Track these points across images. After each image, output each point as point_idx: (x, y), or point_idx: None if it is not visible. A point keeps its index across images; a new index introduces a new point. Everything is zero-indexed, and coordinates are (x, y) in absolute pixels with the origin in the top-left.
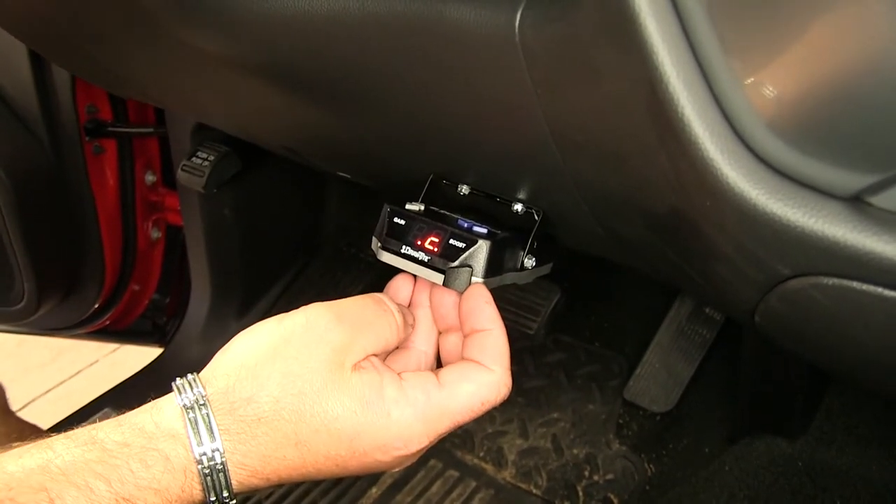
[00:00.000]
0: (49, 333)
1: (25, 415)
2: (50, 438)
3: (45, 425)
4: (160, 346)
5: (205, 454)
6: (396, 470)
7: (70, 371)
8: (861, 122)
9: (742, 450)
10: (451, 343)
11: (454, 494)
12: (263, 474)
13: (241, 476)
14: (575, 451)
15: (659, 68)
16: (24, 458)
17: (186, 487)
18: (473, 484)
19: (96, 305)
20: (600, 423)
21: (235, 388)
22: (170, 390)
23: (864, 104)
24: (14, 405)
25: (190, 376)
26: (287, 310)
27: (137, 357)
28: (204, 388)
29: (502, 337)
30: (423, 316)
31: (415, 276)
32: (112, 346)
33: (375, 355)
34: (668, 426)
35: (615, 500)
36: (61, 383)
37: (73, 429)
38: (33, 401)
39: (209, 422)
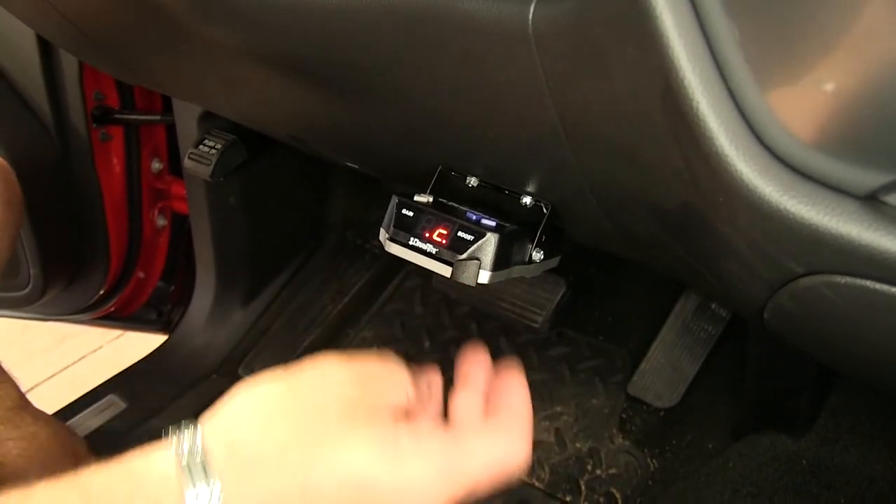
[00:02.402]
0: (54, 319)
1: (29, 399)
2: (33, 486)
3: (49, 410)
4: (165, 334)
5: (198, 498)
6: None
7: (74, 357)
8: (878, 121)
9: (746, 446)
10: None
11: None
12: None
13: None
14: (578, 446)
15: (674, 62)
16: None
17: None
18: None
19: (101, 292)
20: (604, 418)
21: (238, 434)
22: (175, 378)
23: (881, 102)
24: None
25: (185, 425)
26: (291, 300)
27: (141, 344)
28: (204, 434)
29: (525, 402)
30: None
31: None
32: (116, 332)
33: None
34: (672, 422)
35: (618, 495)
36: (65, 368)
37: (78, 414)
38: (37, 386)
39: (204, 466)
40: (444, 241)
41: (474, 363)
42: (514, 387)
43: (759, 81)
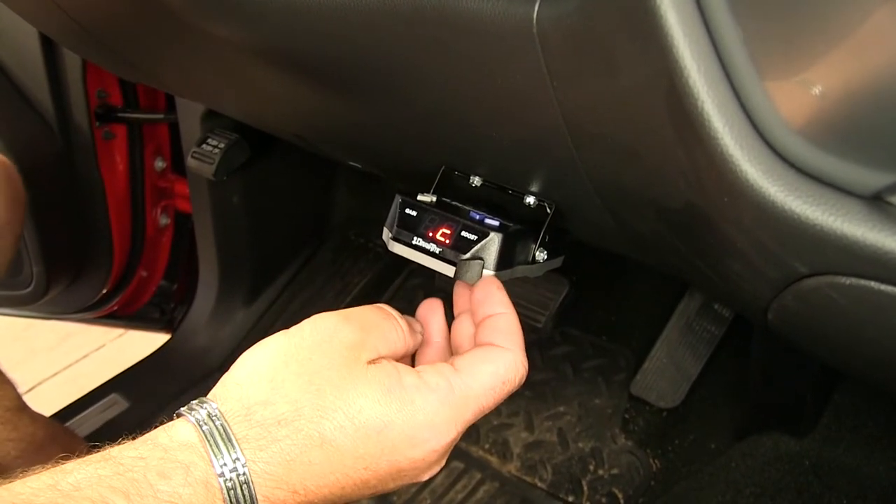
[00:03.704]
0: (56, 317)
1: (32, 398)
2: (65, 463)
3: (51, 408)
4: (167, 333)
5: (225, 465)
6: (427, 478)
7: (77, 355)
8: (883, 120)
9: (749, 446)
10: (462, 328)
11: (458, 486)
12: (290, 484)
13: (266, 488)
14: (580, 445)
15: (679, 61)
16: (31, 481)
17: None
18: (478, 476)
19: (104, 291)
20: (606, 418)
21: (249, 395)
22: (178, 377)
23: (886, 102)
24: (21, 388)
25: (195, 401)
26: (293, 298)
27: (144, 342)
28: (215, 402)
29: (514, 319)
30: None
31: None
32: (119, 330)
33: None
34: (675, 422)
35: (620, 495)
36: (68, 367)
37: (81, 413)
38: (40, 384)
39: (225, 432)
40: (447, 241)
41: (461, 295)
42: (498, 305)
43: (765, 81)
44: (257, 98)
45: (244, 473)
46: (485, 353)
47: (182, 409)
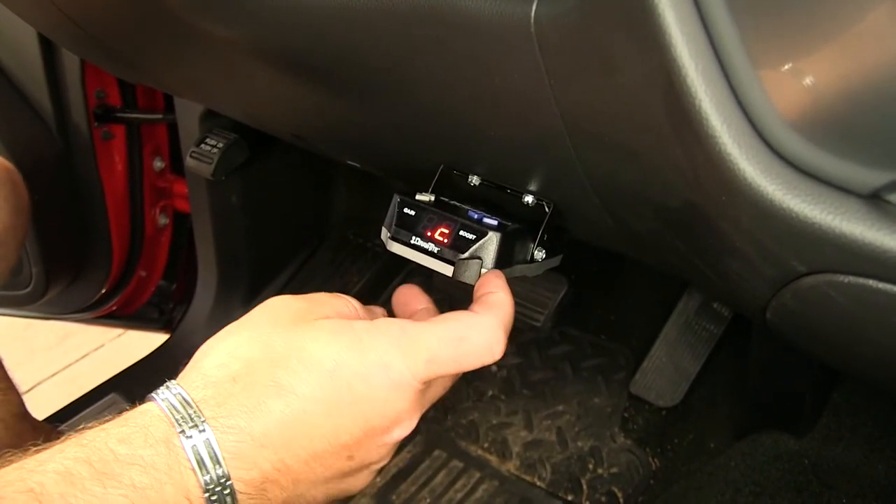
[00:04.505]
0: (56, 317)
1: (31, 398)
2: (31, 452)
3: (51, 409)
4: (166, 332)
5: (184, 421)
6: (402, 435)
7: (76, 355)
8: (881, 119)
9: (748, 445)
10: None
11: (458, 485)
12: (254, 436)
13: (229, 442)
14: (580, 444)
15: (677, 60)
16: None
17: (174, 465)
18: (477, 475)
19: (103, 291)
20: (605, 417)
21: (203, 362)
22: (176, 376)
23: (884, 100)
24: (21, 388)
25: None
26: None
27: (143, 342)
28: (176, 382)
29: (506, 297)
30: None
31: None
32: (118, 330)
33: None
34: (674, 421)
35: (619, 494)
36: (67, 367)
37: (80, 413)
38: (39, 384)
39: (182, 396)
40: (445, 240)
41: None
42: (494, 287)
43: (762, 80)
44: (256, 98)
45: (204, 430)
46: (453, 314)
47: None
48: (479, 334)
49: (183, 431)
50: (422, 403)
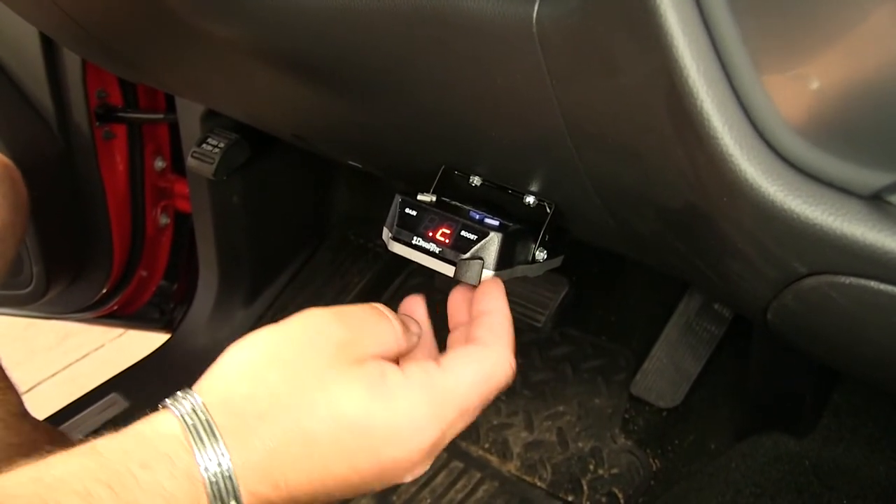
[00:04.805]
0: (56, 317)
1: (32, 397)
2: (47, 457)
3: (51, 408)
4: (167, 332)
5: (209, 458)
6: (411, 478)
7: (76, 355)
8: (883, 120)
9: (748, 447)
10: (458, 335)
11: (458, 485)
12: (272, 477)
13: (249, 481)
14: (580, 445)
15: (679, 61)
16: (15, 474)
17: (194, 497)
18: (478, 475)
19: (104, 290)
20: (606, 418)
21: (233, 388)
22: (178, 377)
23: (886, 102)
24: (21, 388)
25: (181, 392)
26: (293, 299)
27: (143, 342)
28: (199, 395)
29: (504, 317)
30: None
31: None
32: (118, 330)
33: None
34: (675, 422)
35: (620, 495)
36: (67, 367)
37: (80, 413)
38: (39, 384)
39: (209, 425)
40: (447, 241)
41: (460, 301)
42: (492, 302)
43: (764, 81)
44: (256, 98)
45: (228, 468)
46: (469, 351)
47: (166, 400)
48: (501, 372)
49: (206, 468)
50: (441, 447)
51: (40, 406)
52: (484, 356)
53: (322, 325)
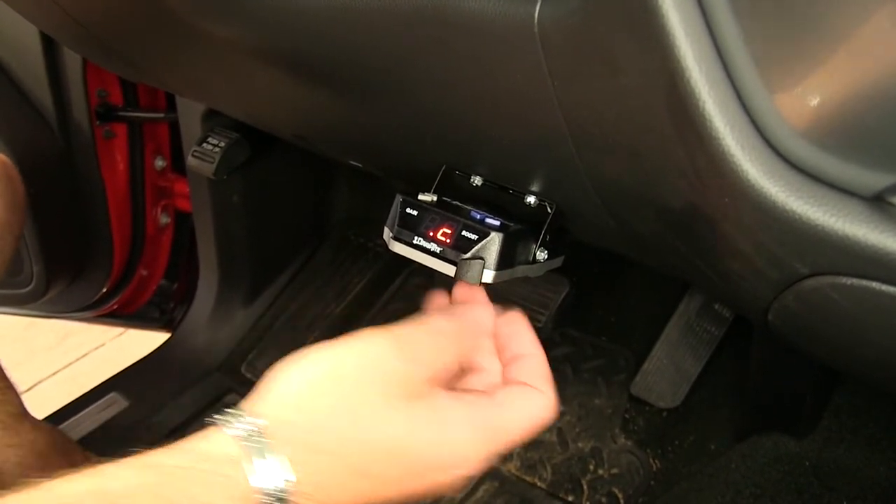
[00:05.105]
0: (56, 316)
1: (32, 397)
2: (97, 466)
3: (51, 407)
4: (167, 332)
5: (268, 486)
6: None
7: (76, 354)
8: (885, 122)
9: (748, 447)
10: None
11: None
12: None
13: None
14: (580, 445)
15: (681, 62)
16: (74, 483)
17: None
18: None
19: (104, 290)
20: (606, 418)
21: (291, 419)
22: (176, 376)
23: (888, 103)
24: (21, 387)
25: (236, 410)
26: (293, 298)
27: (144, 341)
28: (255, 418)
29: (544, 360)
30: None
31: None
32: (118, 329)
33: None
34: (675, 422)
35: (620, 495)
36: (67, 366)
37: (80, 412)
38: (39, 383)
39: (268, 450)
40: (448, 241)
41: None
42: (530, 346)
43: (766, 81)
44: (257, 98)
45: (282, 493)
46: (525, 392)
47: (218, 417)
48: (548, 412)
49: (267, 493)
50: (481, 472)
51: (40, 405)
52: (539, 400)
53: (379, 358)
